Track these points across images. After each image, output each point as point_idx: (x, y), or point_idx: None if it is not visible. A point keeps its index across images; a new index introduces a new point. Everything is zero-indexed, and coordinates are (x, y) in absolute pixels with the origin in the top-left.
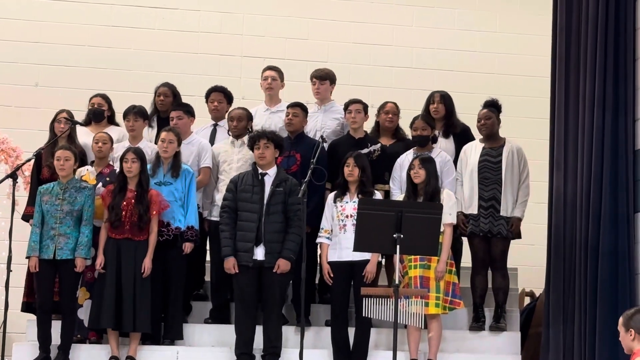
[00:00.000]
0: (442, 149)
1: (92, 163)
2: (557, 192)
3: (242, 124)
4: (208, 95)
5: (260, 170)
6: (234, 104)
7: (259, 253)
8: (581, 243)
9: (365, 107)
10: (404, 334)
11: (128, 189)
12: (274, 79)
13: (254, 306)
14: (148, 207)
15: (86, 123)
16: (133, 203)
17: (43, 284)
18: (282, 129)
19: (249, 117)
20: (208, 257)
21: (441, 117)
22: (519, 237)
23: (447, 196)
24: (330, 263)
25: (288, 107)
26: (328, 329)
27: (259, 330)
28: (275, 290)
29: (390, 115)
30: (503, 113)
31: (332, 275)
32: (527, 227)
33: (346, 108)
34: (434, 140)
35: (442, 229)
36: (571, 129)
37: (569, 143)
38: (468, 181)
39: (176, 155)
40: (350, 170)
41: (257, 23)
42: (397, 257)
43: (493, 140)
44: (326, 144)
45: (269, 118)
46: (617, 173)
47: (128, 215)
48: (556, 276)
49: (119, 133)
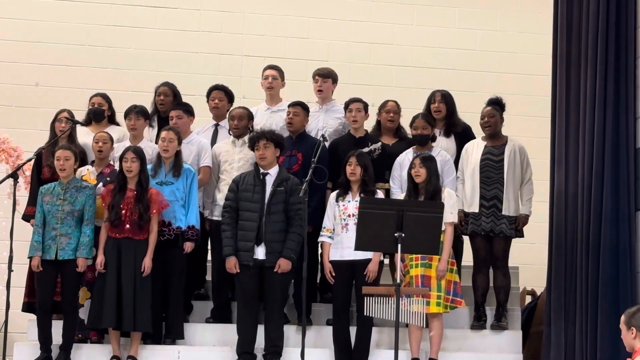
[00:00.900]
0: (444, 148)
1: (93, 163)
2: (558, 191)
3: (243, 123)
4: (209, 93)
5: (261, 170)
6: (235, 104)
7: (260, 252)
8: (582, 241)
9: (365, 106)
10: (406, 333)
11: (128, 188)
12: (275, 78)
13: (256, 305)
14: (148, 206)
15: (86, 123)
16: (133, 202)
17: (44, 284)
18: (283, 128)
19: (250, 117)
20: (209, 257)
21: (442, 117)
22: (522, 236)
23: (448, 195)
24: (332, 262)
25: (289, 107)
26: (329, 328)
27: (261, 329)
28: (276, 289)
29: (391, 114)
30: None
31: (334, 274)
32: (529, 226)
33: (346, 107)
34: (434, 139)
35: (444, 228)
36: (572, 127)
37: (570, 141)
38: (470, 180)
39: (177, 154)
40: (352, 169)
41: (258, 22)
42: (399, 256)
43: (495, 138)
44: (327, 143)
45: (270, 117)
46: (618, 171)
47: (128, 214)
48: (557, 275)
49: (120, 133)
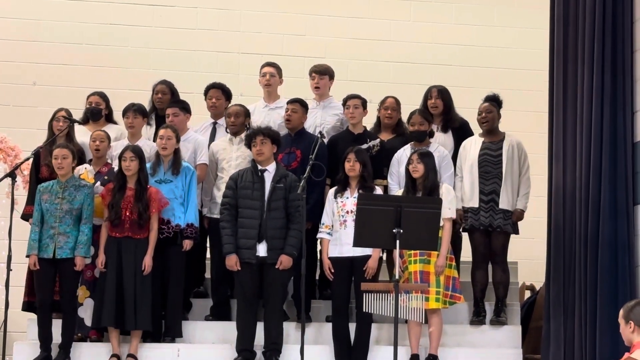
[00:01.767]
0: (441, 144)
1: (90, 161)
2: (557, 185)
3: (240, 120)
4: (206, 92)
5: (259, 166)
6: (232, 101)
7: (261, 249)
8: (581, 236)
9: (363, 103)
10: (405, 329)
11: (127, 187)
12: (272, 75)
13: (256, 303)
14: (147, 205)
15: (84, 121)
16: (132, 201)
17: (43, 283)
18: (281, 126)
19: (247, 114)
20: (208, 255)
21: (440, 112)
22: (517, 233)
23: (446, 190)
24: (330, 259)
25: (287, 104)
26: (329, 325)
27: (260, 326)
28: (276, 286)
29: (389, 111)
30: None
31: (333, 270)
32: (527, 221)
33: (344, 104)
34: (431, 135)
35: (442, 224)
36: (570, 122)
37: (568, 136)
38: (468, 175)
39: (176, 152)
40: (351, 165)
41: (255, 19)
42: (397, 252)
43: (493, 134)
44: (325, 140)
45: (268, 114)
46: (616, 165)
47: (128, 213)
48: (556, 269)
49: (117, 131)
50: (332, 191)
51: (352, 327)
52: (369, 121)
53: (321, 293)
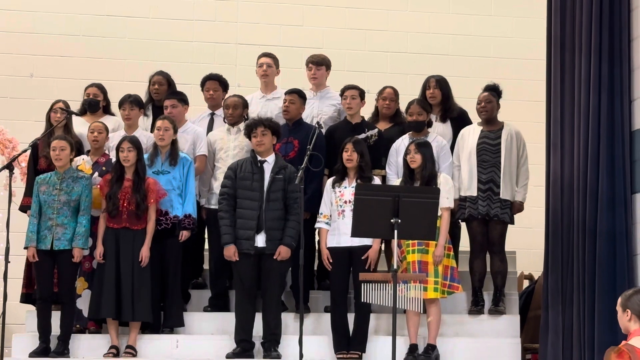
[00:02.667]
0: (440, 134)
1: (88, 153)
2: (554, 175)
3: (238, 112)
4: (203, 83)
5: (259, 157)
6: (230, 92)
7: (260, 240)
8: (579, 225)
9: (361, 93)
10: (403, 319)
11: (125, 178)
12: (270, 66)
13: (254, 293)
14: (145, 196)
15: (81, 113)
16: (130, 192)
17: (42, 275)
18: (279, 116)
19: (245, 105)
20: (206, 245)
21: (438, 102)
22: (512, 222)
23: (444, 180)
24: (329, 249)
25: (285, 94)
26: (327, 315)
27: (259, 317)
28: (275, 277)
29: (387, 101)
30: None
31: (331, 261)
32: (525, 210)
33: (342, 94)
34: (429, 125)
35: (440, 213)
36: (567, 111)
37: (566, 125)
38: (466, 164)
39: (173, 143)
40: (349, 155)
41: (252, 10)
42: (395, 242)
43: (492, 124)
44: (323, 130)
45: (265, 105)
46: (614, 154)
47: (125, 204)
48: (554, 259)
49: (115, 122)
50: (330, 181)
51: (351, 318)
52: (367, 111)
53: (319, 283)
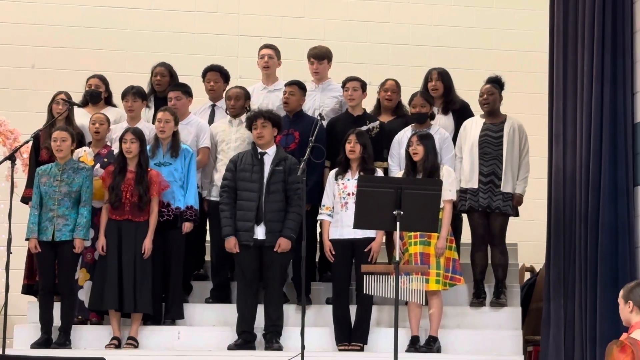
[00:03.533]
0: (442, 126)
1: (90, 144)
2: (557, 167)
3: (240, 103)
4: (204, 74)
5: (259, 149)
6: (231, 83)
7: (260, 232)
8: (581, 217)
9: (363, 85)
10: (405, 311)
11: (128, 170)
12: (271, 57)
13: (256, 285)
14: (148, 188)
15: (83, 104)
16: (133, 184)
17: (44, 266)
18: (280, 108)
19: (247, 96)
20: (208, 237)
21: (440, 94)
22: (517, 215)
23: (447, 172)
24: (331, 241)
25: (285, 86)
26: (329, 307)
27: (260, 309)
28: (276, 269)
29: (389, 93)
30: None
31: (334, 252)
32: (527, 203)
33: (344, 86)
34: (432, 117)
35: (442, 205)
36: (570, 103)
37: (568, 117)
38: (468, 156)
39: (175, 135)
40: (351, 147)
41: (253, 1)
42: (397, 234)
43: (494, 116)
44: (325, 122)
45: (266, 97)
46: (617, 146)
47: (128, 196)
48: (556, 251)
49: (116, 114)
50: (333, 173)
51: (353, 309)
52: (368, 103)
53: (321, 275)
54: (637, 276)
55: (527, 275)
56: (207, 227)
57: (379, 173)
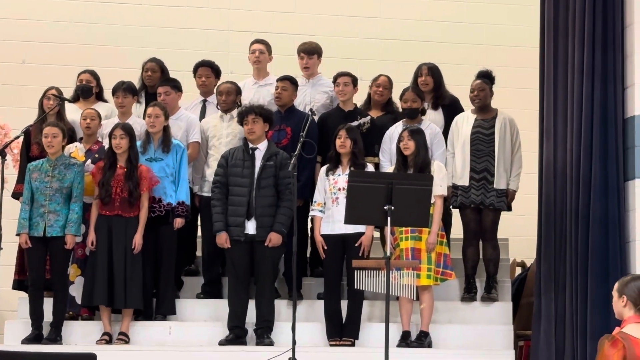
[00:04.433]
0: (432, 121)
1: (81, 140)
2: (547, 162)
3: (231, 98)
4: (195, 70)
5: (250, 145)
6: (222, 79)
7: (250, 227)
8: (572, 212)
9: (353, 80)
10: (396, 306)
11: (118, 166)
12: (262, 53)
13: (247, 280)
14: (138, 183)
15: (74, 100)
16: (123, 179)
17: (34, 261)
18: (271, 103)
19: (238, 91)
20: (199, 232)
21: (430, 90)
22: (510, 209)
23: (438, 168)
24: (322, 236)
25: (277, 81)
26: (320, 302)
27: (252, 304)
28: (267, 264)
29: (380, 88)
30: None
31: (326, 248)
32: (518, 198)
33: (335, 81)
34: (423, 112)
35: (433, 201)
36: (560, 98)
37: (559, 112)
38: (460, 153)
39: (166, 130)
40: (342, 142)
41: None
42: (389, 229)
43: (485, 111)
44: (316, 117)
45: (257, 92)
46: (607, 141)
47: (118, 191)
48: (547, 246)
49: (108, 109)
50: (324, 169)
51: (344, 305)
52: (359, 99)
53: (312, 270)
54: (628, 271)
55: (518, 270)
56: (199, 223)
57: (370, 168)
